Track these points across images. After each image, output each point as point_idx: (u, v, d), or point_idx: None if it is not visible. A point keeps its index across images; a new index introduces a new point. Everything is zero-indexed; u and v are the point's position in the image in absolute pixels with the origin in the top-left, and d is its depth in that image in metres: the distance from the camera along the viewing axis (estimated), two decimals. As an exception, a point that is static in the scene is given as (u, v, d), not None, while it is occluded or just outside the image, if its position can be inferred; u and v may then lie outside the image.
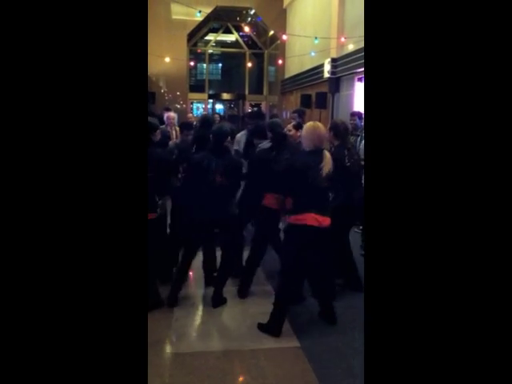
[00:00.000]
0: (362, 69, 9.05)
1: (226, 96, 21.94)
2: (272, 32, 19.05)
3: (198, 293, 3.83)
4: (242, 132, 4.89)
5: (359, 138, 5.29)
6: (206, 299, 3.69)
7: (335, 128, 3.71)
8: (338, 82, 11.46)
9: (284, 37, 14.99)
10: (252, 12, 19.39)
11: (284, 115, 15.43)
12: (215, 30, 21.39)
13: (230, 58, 22.45)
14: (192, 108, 21.04)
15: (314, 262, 3.22)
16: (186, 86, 19.32)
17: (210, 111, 20.15)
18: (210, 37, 21.46)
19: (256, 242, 3.79)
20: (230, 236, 3.64)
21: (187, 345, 3.04)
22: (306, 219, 2.98)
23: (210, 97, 21.37)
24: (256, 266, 3.81)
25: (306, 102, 12.57)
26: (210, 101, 21.79)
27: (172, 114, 6.01)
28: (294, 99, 15.40)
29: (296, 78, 15.30)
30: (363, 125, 5.16)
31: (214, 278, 3.76)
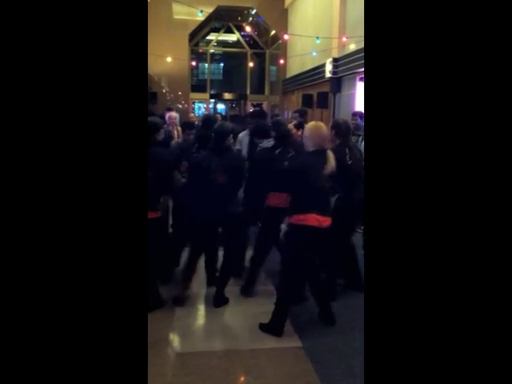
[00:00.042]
0: (363, 69, 9.04)
1: (227, 96, 21.96)
2: (273, 32, 19.06)
3: (200, 292, 3.83)
4: (244, 132, 4.89)
5: (360, 138, 5.29)
6: (207, 299, 3.69)
7: (337, 127, 3.70)
8: (339, 82, 11.46)
9: (285, 36, 15.01)
10: (253, 12, 19.41)
11: (285, 115, 15.43)
12: (217, 30, 21.42)
13: (231, 58, 22.47)
14: (194, 108, 21.07)
15: (313, 262, 3.21)
16: (187, 85, 19.34)
17: (212, 111, 20.18)
18: (212, 36, 21.49)
19: (260, 241, 3.79)
20: (232, 235, 3.64)
21: (189, 344, 3.04)
22: (307, 220, 2.98)
23: (211, 97, 21.41)
24: (260, 265, 3.81)
25: (307, 101, 12.59)
26: (212, 101, 21.83)
27: (174, 114, 6.02)
28: (296, 99, 15.41)
29: (297, 77, 15.30)
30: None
31: (216, 277, 3.76)
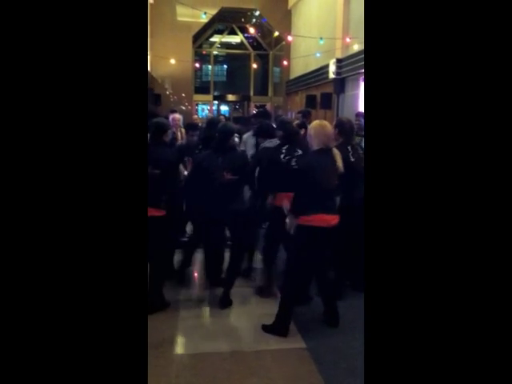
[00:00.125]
0: (367, 69, 9.03)
1: (231, 97, 21.99)
2: (277, 33, 19.08)
3: (204, 294, 3.83)
4: (248, 133, 4.88)
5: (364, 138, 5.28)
6: (211, 300, 3.69)
7: (340, 126, 3.70)
8: (342, 83, 11.45)
9: (289, 38, 15.01)
10: (257, 13, 19.44)
11: (289, 116, 15.44)
12: (220, 32, 21.47)
13: (234, 60, 22.51)
14: (197, 109, 21.11)
15: (322, 261, 3.20)
16: (191, 87, 19.39)
17: (215, 112, 20.19)
18: (215, 38, 21.54)
19: (268, 241, 3.78)
20: (238, 235, 3.63)
21: (193, 346, 3.04)
22: (315, 221, 2.97)
23: (215, 98, 21.44)
24: (270, 265, 3.81)
25: (310, 102, 12.60)
26: (215, 102, 21.86)
27: (177, 116, 6.03)
28: (299, 100, 15.41)
29: (301, 78, 15.30)
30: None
31: (221, 279, 3.75)
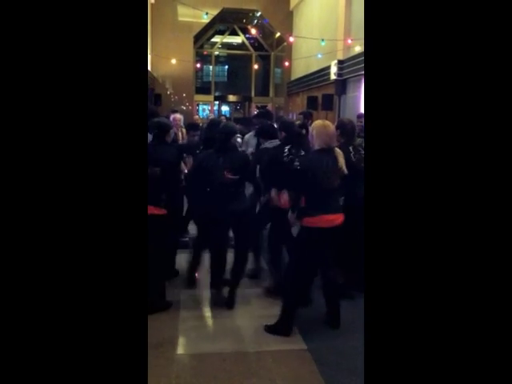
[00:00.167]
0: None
1: (231, 98, 21.97)
2: (278, 34, 19.07)
3: (205, 294, 3.82)
4: (250, 133, 4.88)
5: (365, 139, 5.28)
6: (212, 300, 3.68)
7: (342, 126, 3.70)
8: (344, 84, 11.46)
9: (290, 39, 15.01)
10: (258, 14, 19.43)
11: (290, 117, 15.44)
12: (221, 32, 21.44)
13: (236, 60, 22.48)
14: (198, 110, 21.09)
15: (325, 262, 3.19)
16: (192, 87, 19.37)
17: (216, 113, 20.17)
18: (216, 39, 21.51)
19: (271, 242, 3.77)
20: (241, 235, 3.62)
21: (193, 346, 3.03)
22: (320, 222, 2.97)
23: (215, 99, 21.41)
24: (276, 266, 3.79)
25: (312, 103, 12.60)
26: (216, 103, 21.83)
27: (178, 116, 6.02)
28: (301, 101, 15.41)
29: (302, 80, 15.31)
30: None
31: (222, 279, 3.73)
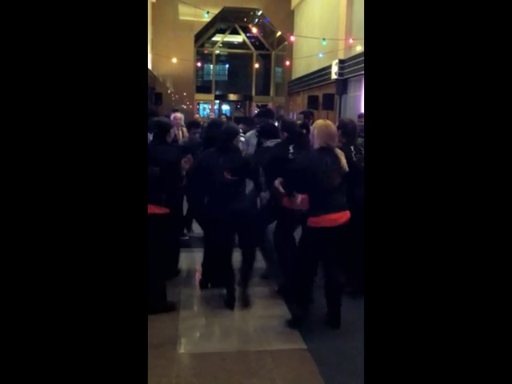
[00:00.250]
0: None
1: (232, 97, 21.99)
2: (279, 33, 19.09)
3: (205, 294, 3.82)
4: (250, 132, 4.88)
5: (367, 139, 5.28)
6: (212, 300, 3.68)
7: (343, 126, 3.69)
8: (345, 84, 11.46)
9: (291, 38, 15.02)
10: (259, 13, 19.44)
11: (291, 116, 15.44)
12: (222, 31, 21.46)
13: (236, 59, 22.50)
14: (198, 109, 21.11)
15: (329, 261, 3.20)
16: (192, 86, 19.40)
17: (217, 112, 20.17)
18: (217, 38, 21.53)
19: (276, 241, 3.78)
20: (244, 235, 3.61)
21: (194, 346, 3.03)
22: (323, 221, 2.97)
23: (216, 97, 21.43)
24: (285, 265, 3.79)
25: (313, 103, 12.59)
26: (217, 102, 21.85)
27: (179, 115, 6.02)
28: (301, 100, 15.41)
29: (303, 79, 15.31)
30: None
31: (222, 280, 3.72)
